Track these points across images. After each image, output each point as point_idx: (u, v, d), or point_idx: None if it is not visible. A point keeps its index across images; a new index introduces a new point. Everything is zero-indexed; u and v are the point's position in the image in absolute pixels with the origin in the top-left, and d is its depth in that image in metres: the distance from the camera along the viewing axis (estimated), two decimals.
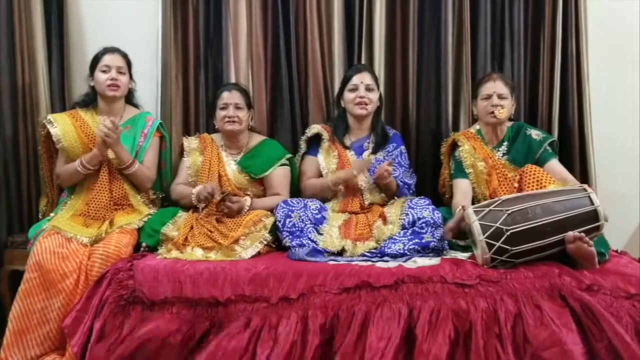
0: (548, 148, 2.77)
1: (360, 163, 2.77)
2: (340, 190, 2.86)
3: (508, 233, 2.21)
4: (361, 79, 2.88)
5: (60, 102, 3.20)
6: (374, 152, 2.92)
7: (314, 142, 2.99)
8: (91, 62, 2.85)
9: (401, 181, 2.86)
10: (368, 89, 2.88)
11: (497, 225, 2.22)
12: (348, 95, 2.90)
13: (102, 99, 2.85)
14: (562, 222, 2.22)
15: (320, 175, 2.93)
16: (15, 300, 2.44)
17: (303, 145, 3.00)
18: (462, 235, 2.53)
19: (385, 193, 2.85)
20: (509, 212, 2.24)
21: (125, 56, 2.86)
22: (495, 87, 2.77)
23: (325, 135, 2.95)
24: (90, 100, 2.88)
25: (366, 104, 2.87)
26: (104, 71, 2.79)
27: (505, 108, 2.75)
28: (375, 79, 2.96)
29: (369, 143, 2.96)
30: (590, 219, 2.25)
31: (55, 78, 3.20)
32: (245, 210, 2.72)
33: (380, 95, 2.97)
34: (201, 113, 3.24)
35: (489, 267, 2.26)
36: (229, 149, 2.96)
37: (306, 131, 3.01)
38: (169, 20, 3.20)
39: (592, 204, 2.26)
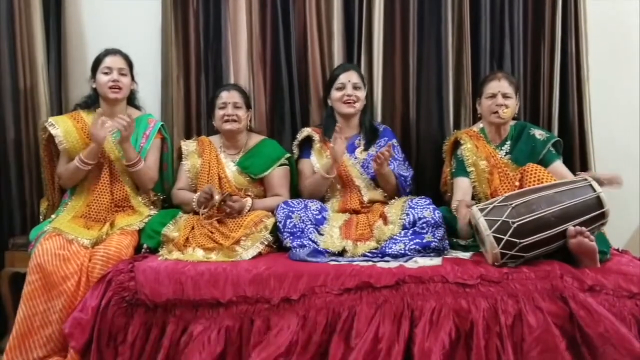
0: (552, 149, 2.77)
1: (334, 138, 2.75)
2: (337, 184, 2.86)
3: (515, 225, 2.20)
4: (348, 78, 2.90)
5: (57, 104, 3.21)
6: (366, 148, 2.93)
7: (306, 145, 3.00)
8: (92, 64, 2.85)
9: (397, 174, 2.86)
10: (355, 87, 2.90)
11: (503, 219, 2.22)
12: (335, 94, 2.92)
13: (104, 101, 2.85)
14: (566, 210, 2.23)
15: None
16: (20, 303, 2.44)
17: (295, 150, 3.01)
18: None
19: (384, 186, 2.85)
20: (513, 205, 2.25)
21: (126, 57, 2.86)
22: (500, 86, 2.76)
23: (316, 137, 2.96)
24: (92, 102, 2.89)
25: (354, 102, 2.89)
26: (105, 73, 2.79)
27: (509, 108, 2.75)
28: (362, 77, 2.98)
29: (359, 140, 2.96)
30: (594, 206, 2.26)
31: (53, 81, 3.21)
32: (246, 211, 2.72)
33: (366, 93, 3.00)
34: (202, 114, 3.25)
35: (499, 264, 2.24)
36: (227, 150, 2.96)
37: (297, 136, 3.02)
38: (169, 21, 3.21)
39: (594, 190, 2.27)
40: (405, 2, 3.20)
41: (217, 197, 2.66)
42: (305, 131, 3.00)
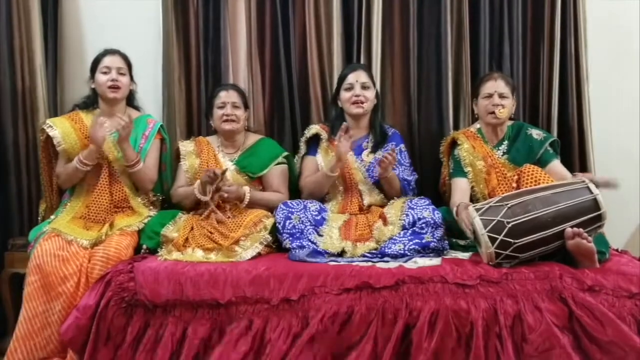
0: (549, 148, 2.78)
1: (339, 137, 2.73)
2: (339, 186, 2.85)
3: (509, 225, 2.20)
4: (356, 78, 2.87)
5: (53, 105, 3.21)
6: (373, 151, 2.91)
7: (313, 143, 2.98)
8: (92, 64, 2.85)
9: (401, 178, 2.85)
10: (364, 87, 2.87)
11: (498, 218, 2.23)
12: (344, 95, 2.90)
13: (103, 101, 2.85)
14: (562, 211, 2.22)
15: None
16: (23, 305, 2.44)
17: (303, 147, 3.00)
18: (463, 235, 2.53)
19: (388, 190, 2.83)
20: (508, 205, 2.25)
21: (125, 57, 2.86)
22: (497, 86, 2.77)
23: (324, 134, 2.94)
24: (91, 103, 2.89)
25: (362, 103, 2.87)
26: (104, 73, 2.79)
27: (505, 108, 2.76)
28: (371, 77, 2.95)
29: (367, 142, 2.95)
30: (591, 208, 2.25)
31: (50, 81, 3.21)
32: (246, 199, 2.73)
33: (377, 93, 2.97)
34: (203, 115, 3.23)
35: (494, 264, 2.25)
36: (225, 149, 2.96)
37: (305, 132, 3.01)
38: (170, 22, 3.21)
39: (591, 193, 2.27)
40: (405, 2, 3.20)
41: (218, 172, 2.65)
42: (314, 128, 2.98)
